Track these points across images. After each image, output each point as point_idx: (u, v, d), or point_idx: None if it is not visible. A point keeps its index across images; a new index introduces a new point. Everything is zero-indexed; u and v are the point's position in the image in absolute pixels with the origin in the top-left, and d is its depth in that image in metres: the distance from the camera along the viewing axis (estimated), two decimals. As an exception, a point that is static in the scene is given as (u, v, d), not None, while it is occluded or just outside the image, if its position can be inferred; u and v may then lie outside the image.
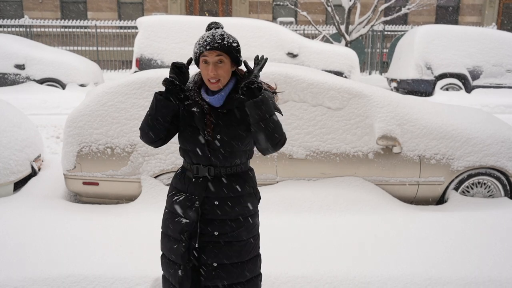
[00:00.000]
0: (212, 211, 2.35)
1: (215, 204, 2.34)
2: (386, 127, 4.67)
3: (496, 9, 21.44)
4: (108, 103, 4.75)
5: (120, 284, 3.27)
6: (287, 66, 5.12)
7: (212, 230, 2.35)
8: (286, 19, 19.10)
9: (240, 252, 2.40)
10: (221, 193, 2.35)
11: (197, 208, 2.33)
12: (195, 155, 2.35)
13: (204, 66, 2.27)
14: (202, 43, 2.25)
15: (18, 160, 5.01)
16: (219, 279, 2.37)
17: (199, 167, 2.35)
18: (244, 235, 2.41)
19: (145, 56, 11.14)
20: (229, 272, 2.38)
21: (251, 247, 2.46)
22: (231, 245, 2.37)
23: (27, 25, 17.68)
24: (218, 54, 2.24)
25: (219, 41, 2.24)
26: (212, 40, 2.24)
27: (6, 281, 3.24)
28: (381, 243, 3.77)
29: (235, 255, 2.38)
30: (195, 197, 2.35)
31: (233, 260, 2.38)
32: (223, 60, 2.26)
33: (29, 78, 11.72)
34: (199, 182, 2.35)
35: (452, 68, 12.32)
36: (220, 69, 2.25)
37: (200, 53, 2.26)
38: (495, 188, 4.87)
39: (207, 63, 2.25)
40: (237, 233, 2.38)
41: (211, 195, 2.35)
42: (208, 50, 2.23)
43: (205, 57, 2.25)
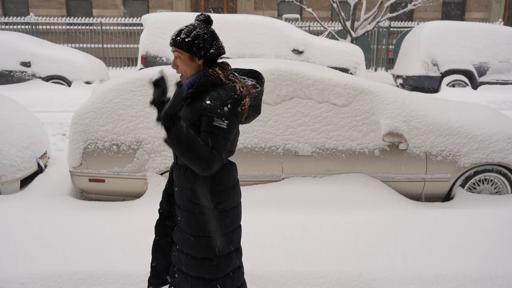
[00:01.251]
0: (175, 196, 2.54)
1: (174, 189, 2.53)
2: (392, 123, 4.65)
3: (503, 5, 21.31)
4: (114, 100, 4.76)
5: (127, 280, 3.28)
6: (293, 63, 5.10)
7: (177, 215, 2.52)
8: (291, 15, 19.05)
9: (187, 244, 2.43)
10: (177, 181, 2.49)
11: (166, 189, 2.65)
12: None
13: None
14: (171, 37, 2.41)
15: (24, 157, 5.03)
16: (177, 262, 2.51)
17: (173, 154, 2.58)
18: (185, 228, 2.44)
19: (151, 53, 11.14)
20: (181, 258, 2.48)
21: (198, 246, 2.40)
22: (182, 233, 2.48)
23: (32, 23, 17.71)
24: (174, 50, 2.38)
25: (174, 37, 2.37)
26: (175, 36, 2.37)
27: (13, 278, 3.25)
28: (387, 240, 3.76)
29: (183, 244, 2.46)
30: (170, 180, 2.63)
31: (182, 248, 2.47)
32: (179, 55, 2.37)
33: (35, 75, 11.75)
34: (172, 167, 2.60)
35: (458, 65, 12.25)
36: (179, 62, 2.39)
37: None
38: (501, 185, 4.85)
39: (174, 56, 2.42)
40: (184, 223, 2.46)
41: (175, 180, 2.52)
42: (171, 46, 2.39)
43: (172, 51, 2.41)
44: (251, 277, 3.25)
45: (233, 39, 11.07)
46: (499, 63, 12.39)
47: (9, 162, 4.85)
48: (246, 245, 2.81)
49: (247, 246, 2.89)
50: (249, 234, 3.67)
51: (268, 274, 3.31)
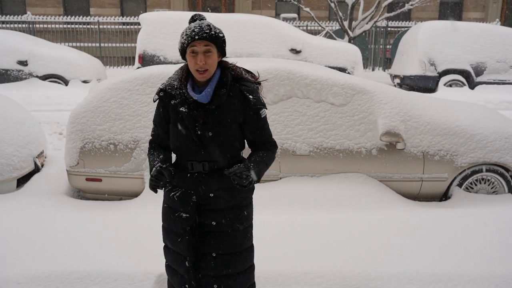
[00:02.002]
0: (209, 202, 2.41)
1: (210, 196, 2.40)
2: (390, 123, 4.65)
3: (500, 5, 21.36)
4: (111, 99, 4.75)
5: (124, 280, 3.27)
6: (290, 62, 5.10)
7: (211, 221, 2.42)
8: (289, 15, 19.05)
9: (236, 242, 2.47)
10: (215, 186, 2.40)
11: (195, 202, 2.40)
12: (189, 152, 2.38)
13: (192, 57, 2.28)
14: (190, 33, 2.26)
15: (21, 156, 5.01)
16: (218, 269, 2.43)
17: (194, 163, 2.39)
18: (239, 225, 2.48)
19: (148, 52, 11.12)
20: (227, 262, 2.44)
21: (246, 237, 2.54)
22: (228, 235, 2.44)
23: (29, 21, 17.68)
24: (206, 44, 2.26)
25: (207, 31, 2.26)
26: (200, 30, 2.25)
27: (9, 278, 3.24)
28: (384, 240, 3.76)
29: (232, 245, 2.45)
30: (191, 191, 2.40)
31: (230, 250, 2.45)
32: (211, 50, 2.28)
33: (32, 74, 11.72)
34: (194, 177, 2.40)
35: (455, 64, 12.27)
36: (208, 58, 2.27)
37: (188, 43, 2.26)
38: (498, 184, 4.86)
39: (195, 53, 2.27)
40: (233, 222, 2.45)
41: (206, 188, 2.39)
42: (196, 40, 2.24)
43: (193, 47, 2.26)
44: (248, 276, 3.25)
45: (231, 39, 11.05)
46: (496, 63, 12.42)
47: (6, 161, 4.84)
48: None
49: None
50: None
51: (266, 273, 3.31)
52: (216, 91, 2.33)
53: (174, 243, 2.48)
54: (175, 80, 2.40)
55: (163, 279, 3.23)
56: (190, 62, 2.30)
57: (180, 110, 2.34)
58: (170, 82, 2.40)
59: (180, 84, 2.36)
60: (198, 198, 2.40)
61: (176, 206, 2.44)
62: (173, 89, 2.37)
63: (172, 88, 2.37)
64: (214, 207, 2.42)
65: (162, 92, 2.40)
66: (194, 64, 2.27)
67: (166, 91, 2.39)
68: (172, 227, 2.48)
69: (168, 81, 2.42)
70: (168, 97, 2.38)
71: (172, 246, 2.50)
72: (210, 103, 2.33)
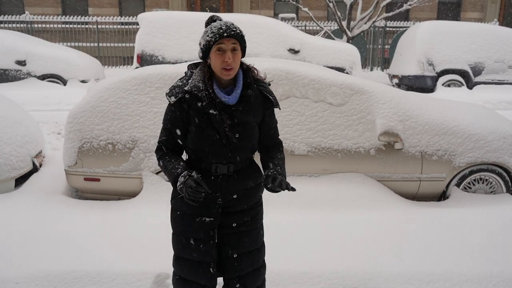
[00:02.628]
0: (231, 204, 2.40)
1: (233, 198, 2.39)
2: (388, 123, 4.65)
3: (498, 5, 21.38)
4: (109, 99, 4.75)
5: (122, 280, 3.27)
6: (289, 62, 5.10)
7: (231, 223, 2.41)
8: (287, 15, 19.05)
9: (256, 240, 2.50)
10: (240, 187, 2.40)
11: (220, 205, 2.37)
12: (215, 155, 2.34)
13: (219, 55, 2.24)
14: (217, 31, 2.23)
15: (19, 156, 5.01)
16: (241, 269, 2.43)
17: (219, 166, 2.35)
18: (257, 222, 2.52)
19: (146, 52, 11.11)
20: (248, 260, 2.45)
21: (262, 233, 2.59)
22: (248, 234, 2.46)
23: (28, 21, 17.65)
24: (233, 42, 2.25)
25: (234, 29, 2.25)
26: (228, 28, 2.23)
27: (7, 277, 3.24)
28: (383, 239, 3.77)
29: (252, 243, 2.47)
30: (217, 194, 2.36)
31: (250, 248, 2.46)
32: (237, 49, 2.27)
33: (30, 74, 11.71)
34: (218, 179, 2.36)
35: (454, 64, 12.27)
36: (235, 57, 2.26)
37: (215, 41, 2.23)
38: (496, 184, 4.86)
39: (222, 51, 2.24)
40: (252, 221, 2.47)
41: (231, 189, 2.38)
42: (225, 38, 2.22)
43: (220, 45, 2.23)
44: (246, 276, 3.25)
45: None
46: (495, 63, 12.43)
47: (4, 161, 4.83)
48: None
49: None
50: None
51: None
52: (243, 92, 2.34)
53: (195, 251, 2.39)
54: (198, 81, 2.31)
55: (161, 279, 3.23)
56: (216, 59, 2.25)
57: (210, 112, 2.27)
58: (195, 84, 2.30)
59: (205, 86, 2.29)
60: (223, 200, 2.37)
61: (197, 211, 2.37)
62: (199, 91, 2.28)
63: (198, 90, 2.28)
64: (236, 208, 2.41)
65: (188, 94, 2.29)
66: (221, 61, 2.24)
67: (192, 93, 2.28)
68: (192, 234, 2.39)
69: (192, 83, 2.31)
70: (194, 99, 2.29)
71: (191, 255, 2.40)
72: (237, 104, 2.32)
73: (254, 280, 2.49)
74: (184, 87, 2.31)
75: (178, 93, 2.31)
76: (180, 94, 2.30)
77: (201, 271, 2.39)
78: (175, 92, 2.32)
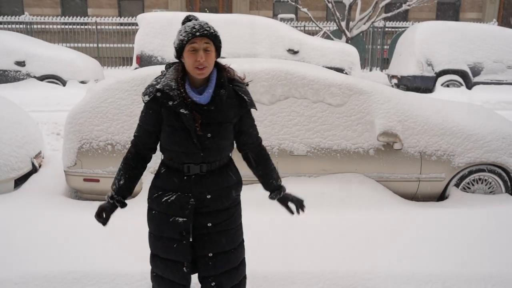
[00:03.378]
0: (205, 204, 2.39)
1: (207, 198, 2.39)
2: (387, 123, 4.66)
3: (497, 5, 21.39)
4: (109, 100, 4.75)
5: (121, 280, 3.27)
6: (288, 63, 5.11)
7: (206, 222, 2.41)
8: (286, 15, 19.05)
9: (233, 239, 2.50)
10: (213, 187, 2.39)
11: (193, 205, 2.36)
12: (187, 155, 2.34)
13: (191, 54, 2.26)
14: (190, 30, 2.25)
15: (18, 156, 5.01)
16: (216, 268, 2.44)
17: (191, 166, 2.36)
18: (235, 222, 2.52)
19: (146, 52, 11.11)
20: (224, 260, 2.45)
21: (240, 233, 2.59)
22: (224, 234, 2.45)
23: (27, 22, 17.64)
24: (206, 42, 2.26)
25: (207, 28, 2.27)
26: (201, 28, 2.26)
27: (7, 278, 3.24)
28: (382, 239, 3.77)
29: (228, 243, 2.47)
30: (189, 194, 2.36)
31: (226, 248, 2.46)
32: (210, 48, 2.28)
33: (29, 75, 11.70)
34: (191, 179, 2.36)
35: (452, 65, 12.28)
36: (208, 56, 2.27)
37: (188, 40, 2.25)
38: (496, 184, 4.87)
39: (195, 50, 2.25)
40: (229, 221, 2.47)
41: (204, 189, 2.38)
42: (197, 37, 2.24)
43: (193, 44, 2.25)
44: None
45: (228, 39, 11.05)
46: (493, 63, 12.43)
47: (3, 161, 4.83)
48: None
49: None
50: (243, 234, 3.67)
51: (263, 273, 3.31)
52: (215, 92, 2.33)
53: (169, 250, 2.42)
54: (171, 80, 2.32)
55: (161, 279, 3.23)
56: (189, 59, 2.27)
57: (180, 111, 2.27)
58: (167, 82, 2.31)
59: (177, 85, 2.30)
60: (195, 200, 2.37)
61: (170, 211, 2.39)
62: (171, 90, 2.29)
63: (169, 89, 2.29)
64: (211, 208, 2.40)
65: (159, 93, 2.30)
66: (194, 61, 2.25)
67: (164, 92, 2.29)
68: (166, 233, 2.41)
69: (165, 81, 2.32)
70: (165, 98, 2.29)
71: (165, 254, 2.44)
72: (209, 104, 2.32)
73: (230, 279, 2.49)
74: (156, 86, 2.34)
75: (151, 93, 2.33)
76: (152, 93, 2.33)
77: (174, 270, 2.42)
78: (149, 92, 2.35)
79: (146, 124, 2.42)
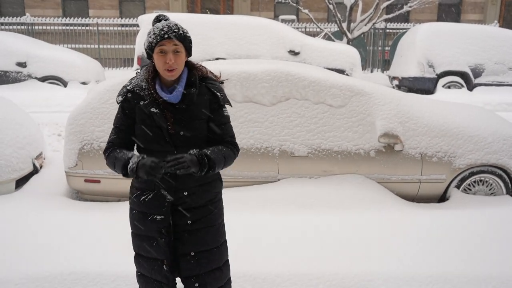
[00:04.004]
0: (183, 201, 2.40)
1: (184, 195, 2.39)
2: (388, 124, 4.66)
3: (498, 7, 21.38)
4: (110, 101, 4.75)
5: (122, 281, 3.27)
6: (289, 64, 5.11)
7: (186, 220, 2.41)
8: (287, 16, 19.05)
9: (215, 237, 2.49)
10: (190, 184, 2.39)
11: (169, 202, 2.37)
12: (160, 153, 2.33)
13: (161, 56, 2.27)
14: (159, 32, 2.26)
15: (19, 157, 5.01)
16: (199, 266, 2.43)
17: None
18: (216, 220, 2.51)
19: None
20: (207, 259, 2.45)
21: (222, 231, 2.57)
22: (205, 232, 2.45)
23: (28, 23, 17.67)
24: (175, 44, 2.27)
25: (176, 30, 2.28)
26: (169, 30, 2.26)
27: (7, 278, 3.24)
28: (382, 241, 3.77)
29: (209, 241, 2.47)
30: (165, 192, 2.37)
31: (208, 246, 2.46)
32: (179, 50, 2.29)
33: (30, 76, 11.72)
34: (166, 177, 2.36)
35: (454, 66, 12.27)
36: (177, 58, 2.28)
37: (156, 42, 2.26)
38: (496, 186, 4.86)
39: (164, 52, 2.27)
40: (208, 218, 2.46)
41: (179, 187, 2.38)
42: (165, 39, 2.25)
43: (162, 47, 2.26)
44: (246, 277, 3.26)
45: (229, 40, 11.06)
46: (495, 64, 12.42)
47: (5, 162, 4.84)
48: (241, 245, 2.81)
49: (242, 247, 2.90)
50: (244, 235, 3.67)
51: (263, 274, 3.31)
52: (186, 90, 2.35)
53: (149, 249, 2.43)
54: (142, 80, 2.36)
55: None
56: (158, 61, 2.29)
57: (151, 111, 2.31)
58: (138, 83, 2.35)
59: (148, 85, 2.34)
60: (173, 197, 2.38)
61: (148, 210, 2.40)
62: (141, 90, 2.33)
63: (140, 89, 2.33)
64: (188, 206, 2.41)
65: (130, 93, 2.35)
66: (163, 63, 2.27)
67: (134, 92, 2.34)
68: (146, 232, 2.43)
69: (135, 82, 2.37)
70: (136, 98, 2.34)
71: (146, 252, 2.45)
72: (180, 103, 2.34)
73: (215, 280, 2.48)
74: (126, 87, 2.37)
75: (124, 93, 2.37)
76: (124, 94, 2.36)
77: (156, 268, 2.43)
78: (122, 92, 2.38)
79: (121, 125, 2.42)
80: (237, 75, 4.77)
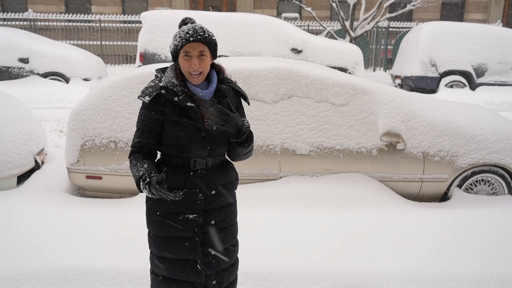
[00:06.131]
0: (210, 201, 2.39)
1: (212, 194, 2.39)
2: (390, 123, 4.65)
3: (502, 6, 21.33)
4: (112, 97, 4.75)
5: (123, 277, 3.27)
6: (291, 62, 5.10)
7: (210, 220, 2.40)
8: (290, 14, 19.02)
9: (233, 235, 2.54)
10: (216, 183, 2.40)
11: (202, 200, 2.35)
12: (194, 148, 2.33)
13: (186, 60, 2.27)
14: (184, 35, 2.25)
15: (21, 153, 5.01)
16: (218, 265, 2.45)
17: (197, 160, 2.35)
18: (234, 220, 2.55)
19: (149, 50, 11.11)
20: (226, 256, 2.47)
21: (237, 229, 2.61)
22: (226, 230, 2.47)
23: (31, 19, 17.67)
24: (201, 47, 2.26)
25: (201, 33, 2.26)
26: (195, 33, 2.25)
27: (9, 274, 3.25)
28: (383, 240, 3.77)
29: (229, 239, 2.49)
30: (197, 190, 2.35)
31: (227, 244, 2.48)
32: (205, 53, 2.28)
33: (32, 71, 11.71)
34: (197, 174, 2.35)
35: (456, 65, 12.24)
36: (202, 62, 2.27)
37: (181, 45, 2.25)
38: (498, 185, 4.86)
39: (189, 56, 2.26)
40: (230, 218, 2.49)
41: (209, 185, 2.38)
42: (191, 42, 2.24)
43: (187, 50, 2.26)
44: (247, 275, 3.26)
45: (232, 38, 11.05)
46: (498, 64, 12.39)
47: (6, 158, 4.84)
48: (243, 243, 2.81)
49: (243, 245, 2.89)
50: (245, 233, 3.67)
51: (265, 272, 3.31)
52: (217, 87, 2.39)
53: (179, 250, 2.36)
54: (172, 78, 2.33)
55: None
56: (183, 64, 2.29)
57: (188, 105, 2.28)
58: (169, 80, 2.32)
59: (179, 82, 2.32)
60: (203, 195, 2.36)
61: (179, 209, 2.34)
62: (174, 86, 2.30)
63: (173, 85, 2.30)
64: (214, 205, 2.41)
65: (164, 90, 2.30)
66: (188, 67, 2.27)
67: (168, 88, 2.30)
68: (176, 233, 2.35)
69: (166, 79, 2.32)
70: (171, 94, 2.29)
71: (175, 254, 2.37)
72: (212, 99, 2.36)
73: (229, 276, 2.52)
74: (159, 84, 2.34)
75: (153, 92, 2.32)
76: (155, 91, 2.31)
77: (188, 269, 2.37)
78: (149, 92, 2.33)
79: (148, 127, 2.35)
80: (240, 72, 4.77)
